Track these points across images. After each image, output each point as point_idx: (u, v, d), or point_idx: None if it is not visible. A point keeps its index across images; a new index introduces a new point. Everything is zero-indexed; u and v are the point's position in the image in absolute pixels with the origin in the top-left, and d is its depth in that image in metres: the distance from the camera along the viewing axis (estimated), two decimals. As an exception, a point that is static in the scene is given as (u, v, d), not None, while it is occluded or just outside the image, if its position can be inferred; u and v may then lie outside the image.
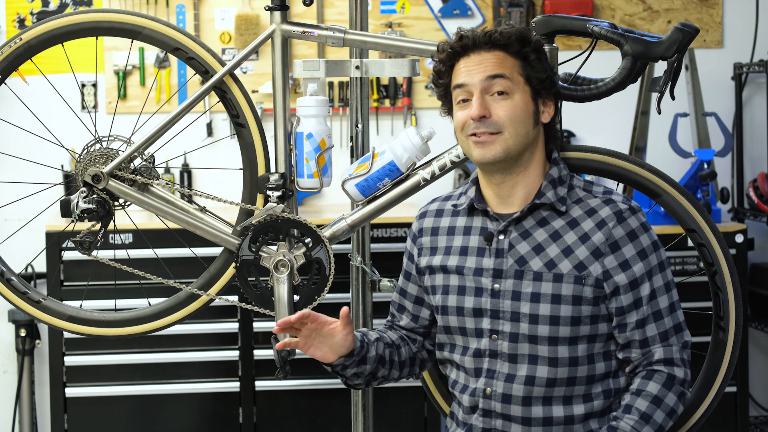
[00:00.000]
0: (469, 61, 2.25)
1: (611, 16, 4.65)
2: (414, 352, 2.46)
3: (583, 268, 2.22)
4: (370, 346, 2.36)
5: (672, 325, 2.25)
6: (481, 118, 2.22)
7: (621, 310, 2.23)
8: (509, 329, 2.24)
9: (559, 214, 2.27)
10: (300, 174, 2.61)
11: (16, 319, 4.37)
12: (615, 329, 2.25)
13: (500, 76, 2.23)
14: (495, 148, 2.23)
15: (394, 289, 2.49)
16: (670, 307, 2.25)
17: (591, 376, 2.24)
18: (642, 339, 2.23)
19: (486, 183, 2.32)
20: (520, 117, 2.23)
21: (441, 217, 2.40)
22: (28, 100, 3.05)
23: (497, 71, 2.23)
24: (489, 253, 2.28)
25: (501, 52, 2.24)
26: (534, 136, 2.27)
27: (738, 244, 4.16)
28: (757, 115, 4.72)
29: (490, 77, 2.23)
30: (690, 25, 2.36)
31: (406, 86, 4.62)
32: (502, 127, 2.22)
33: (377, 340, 2.39)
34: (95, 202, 2.59)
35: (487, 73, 2.23)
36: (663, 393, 2.21)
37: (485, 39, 2.24)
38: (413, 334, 2.46)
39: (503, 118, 2.22)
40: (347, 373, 2.35)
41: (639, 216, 2.27)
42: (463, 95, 2.26)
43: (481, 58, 2.24)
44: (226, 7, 4.56)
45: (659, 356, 2.23)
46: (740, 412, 4.20)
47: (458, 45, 2.26)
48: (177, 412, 4.11)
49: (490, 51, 2.24)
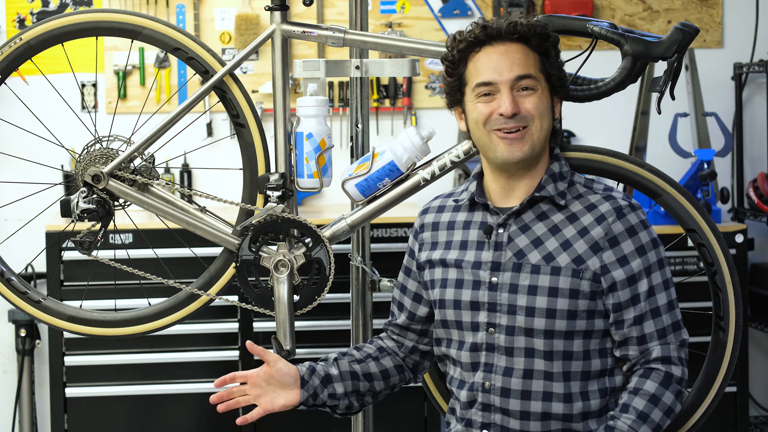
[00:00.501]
0: (493, 52, 2.24)
1: (611, 16, 4.65)
2: (401, 358, 2.46)
3: (581, 262, 2.22)
4: (329, 367, 2.37)
5: (670, 323, 2.25)
6: (514, 115, 2.22)
7: (618, 306, 2.23)
8: (506, 322, 2.24)
9: (559, 209, 2.28)
10: (300, 174, 2.61)
11: (16, 319, 4.37)
12: (612, 326, 2.25)
13: (528, 77, 2.23)
14: (523, 146, 2.23)
15: (395, 284, 2.49)
16: (668, 304, 2.25)
17: (586, 372, 2.24)
18: (639, 336, 2.23)
19: (493, 178, 2.32)
20: (544, 111, 2.25)
21: (442, 212, 2.41)
22: (28, 100, 3.05)
23: (525, 71, 2.23)
24: (488, 246, 2.29)
25: (524, 45, 2.24)
26: (549, 132, 2.29)
27: (738, 244, 4.16)
28: (757, 115, 4.72)
29: (519, 77, 2.23)
30: (690, 25, 2.36)
31: (406, 86, 4.62)
32: (530, 120, 2.23)
33: (336, 360, 2.40)
34: (95, 202, 2.59)
35: (516, 73, 2.22)
36: (660, 392, 2.21)
37: (510, 29, 2.23)
38: (407, 332, 2.46)
39: (531, 111, 2.23)
40: (321, 400, 2.35)
41: (639, 213, 2.27)
42: (487, 90, 2.25)
43: (506, 49, 2.24)
44: (226, 7, 4.56)
45: (657, 354, 2.23)
46: (740, 412, 4.20)
47: (482, 34, 2.24)
48: (177, 412, 4.11)
49: (514, 43, 2.24)
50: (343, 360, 2.40)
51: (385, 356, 2.45)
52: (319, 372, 2.36)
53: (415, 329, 2.45)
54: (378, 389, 2.42)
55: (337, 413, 2.40)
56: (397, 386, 2.47)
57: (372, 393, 2.42)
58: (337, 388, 2.36)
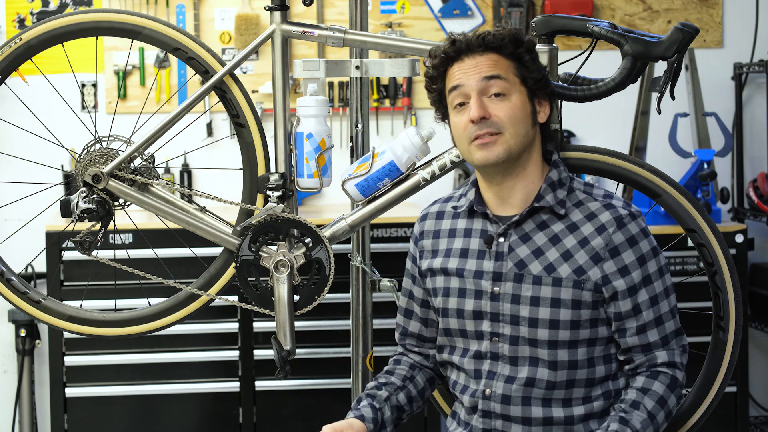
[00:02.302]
0: (464, 65, 2.24)
1: (611, 16, 4.65)
2: (430, 368, 2.45)
3: (582, 273, 2.22)
4: (384, 409, 2.36)
5: (673, 330, 2.26)
6: (481, 120, 2.21)
7: (619, 316, 2.23)
8: (509, 332, 2.24)
9: (559, 218, 2.27)
10: (300, 174, 2.61)
11: (16, 319, 4.37)
12: (615, 333, 2.25)
13: (496, 77, 2.22)
14: (497, 149, 2.22)
15: (394, 289, 2.49)
16: (670, 312, 2.26)
17: (591, 379, 2.24)
18: (644, 344, 2.24)
19: (486, 186, 2.31)
20: (519, 117, 2.23)
21: (442, 219, 2.40)
22: (28, 100, 3.05)
23: (493, 72, 2.22)
24: (489, 255, 2.28)
25: (495, 54, 2.23)
26: (532, 137, 2.26)
27: (738, 244, 4.15)
28: (757, 115, 4.72)
29: (486, 78, 2.22)
30: (690, 25, 2.36)
31: (406, 86, 4.62)
32: (502, 127, 2.21)
33: (387, 398, 2.38)
34: (95, 202, 2.59)
35: (483, 74, 2.22)
36: (667, 394, 2.22)
37: (478, 42, 2.23)
38: (425, 342, 2.44)
39: (503, 119, 2.21)
40: None
41: (639, 221, 2.26)
42: (459, 99, 2.25)
43: (476, 61, 2.23)
44: (226, 7, 4.56)
45: (663, 359, 2.24)
46: (740, 412, 4.20)
47: (451, 50, 2.25)
48: (177, 412, 4.11)
49: (483, 54, 2.23)
50: (392, 397, 2.38)
51: (418, 372, 2.45)
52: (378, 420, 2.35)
53: (432, 338, 2.44)
54: (415, 409, 2.44)
55: None
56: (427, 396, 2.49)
57: (410, 413, 2.44)
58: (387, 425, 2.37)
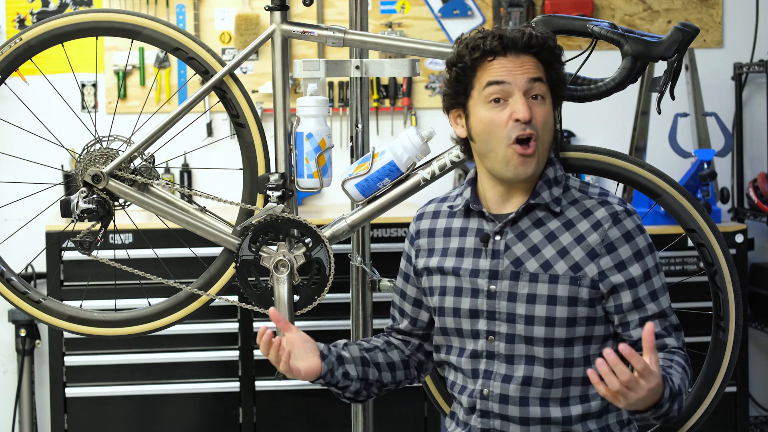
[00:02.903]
0: (507, 63, 2.21)
1: (611, 16, 4.65)
2: (407, 355, 2.45)
3: (578, 269, 2.22)
4: (341, 350, 2.35)
5: (674, 324, 2.26)
6: (529, 121, 2.19)
7: (620, 308, 2.23)
8: (505, 330, 2.24)
9: (555, 215, 2.26)
10: (300, 174, 2.61)
11: (16, 319, 4.37)
12: (619, 328, 2.24)
13: (540, 80, 2.21)
14: (532, 163, 2.21)
15: (394, 289, 2.49)
16: (668, 308, 2.26)
17: (587, 377, 2.24)
18: None
19: (490, 186, 2.29)
20: (550, 124, 2.23)
21: (438, 218, 2.39)
22: (28, 100, 3.05)
23: (538, 74, 2.21)
24: (485, 254, 2.28)
25: (534, 57, 2.22)
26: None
27: (738, 244, 4.16)
28: (757, 115, 4.72)
29: (533, 79, 2.20)
30: (690, 25, 2.36)
31: (406, 86, 4.62)
32: (539, 130, 2.20)
33: (345, 344, 2.39)
34: (95, 202, 2.59)
35: (530, 75, 2.20)
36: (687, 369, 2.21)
37: (526, 42, 2.20)
38: (411, 337, 2.46)
39: (540, 122, 2.21)
40: (336, 379, 2.32)
41: (634, 218, 2.26)
42: (498, 94, 2.21)
43: (521, 61, 2.21)
44: (226, 7, 4.56)
45: (672, 345, 2.23)
46: (740, 412, 4.20)
47: (499, 45, 2.20)
48: (177, 412, 4.11)
49: (527, 54, 2.21)
50: (353, 346, 2.39)
51: (393, 349, 2.44)
52: (333, 351, 2.34)
53: (418, 334, 2.45)
54: (385, 381, 2.41)
55: (346, 396, 2.38)
56: (402, 383, 2.45)
57: (379, 384, 2.40)
58: (350, 369, 2.34)
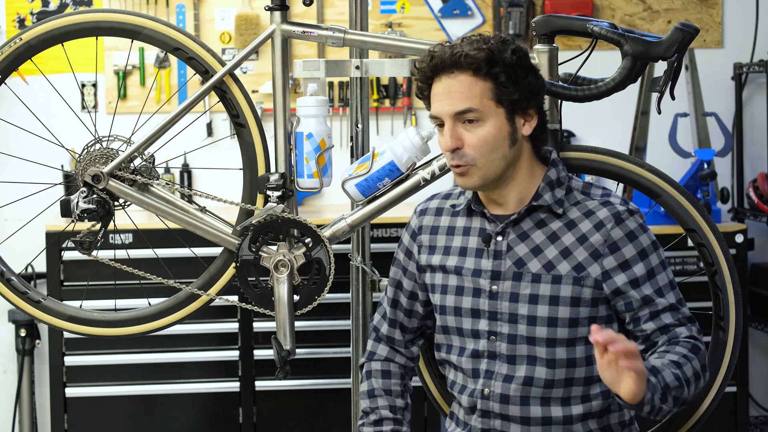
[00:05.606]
0: (440, 86, 2.22)
1: (611, 16, 4.65)
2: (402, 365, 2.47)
3: (581, 270, 2.22)
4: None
5: (687, 315, 2.24)
6: (454, 150, 2.21)
7: (630, 306, 2.22)
8: (507, 330, 2.24)
9: (557, 217, 2.26)
10: (300, 174, 2.61)
11: (16, 319, 4.37)
12: (630, 325, 2.23)
13: (467, 111, 2.19)
14: (472, 179, 2.22)
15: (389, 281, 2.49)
16: (678, 302, 2.24)
17: (589, 378, 2.24)
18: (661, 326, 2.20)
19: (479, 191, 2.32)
20: (492, 145, 2.20)
21: (440, 216, 2.40)
22: (28, 100, 3.05)
23: (464, 106, 2.19)
24: (487, 254, 2.28)
25: (469, 75, 2.19)
26: (514, 155, 2.24)
27: (738, 244, 4.16)
28: (757, 115, 4.72)
29: (457, 113, 2.20)
30: (690, 25, 2.36)
31: (406, 86, 4.62)
32: (474, 159, 2.20)
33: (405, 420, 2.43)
34: (95, 202, 2.59)
35: (455, 108, 2.19)
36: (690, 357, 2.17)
37: (453, 61, 2.19)
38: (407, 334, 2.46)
39: (475, 150, 2.20)
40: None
41: (637, 217, 2.26)
42: (437, 122, 2.25)
43: (450, 85, 2.20)
44: (226, 7, 4.56)
45: (685, 334, 2.20)
46: (740, 412, 4.20)
47: (428, 68, 2.22)
48: (177, 412, 4.11)
49: (459, 74, 2.19)
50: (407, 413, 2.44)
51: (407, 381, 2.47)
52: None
53: (412, 328, 2.46)
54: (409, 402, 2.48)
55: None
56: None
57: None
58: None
